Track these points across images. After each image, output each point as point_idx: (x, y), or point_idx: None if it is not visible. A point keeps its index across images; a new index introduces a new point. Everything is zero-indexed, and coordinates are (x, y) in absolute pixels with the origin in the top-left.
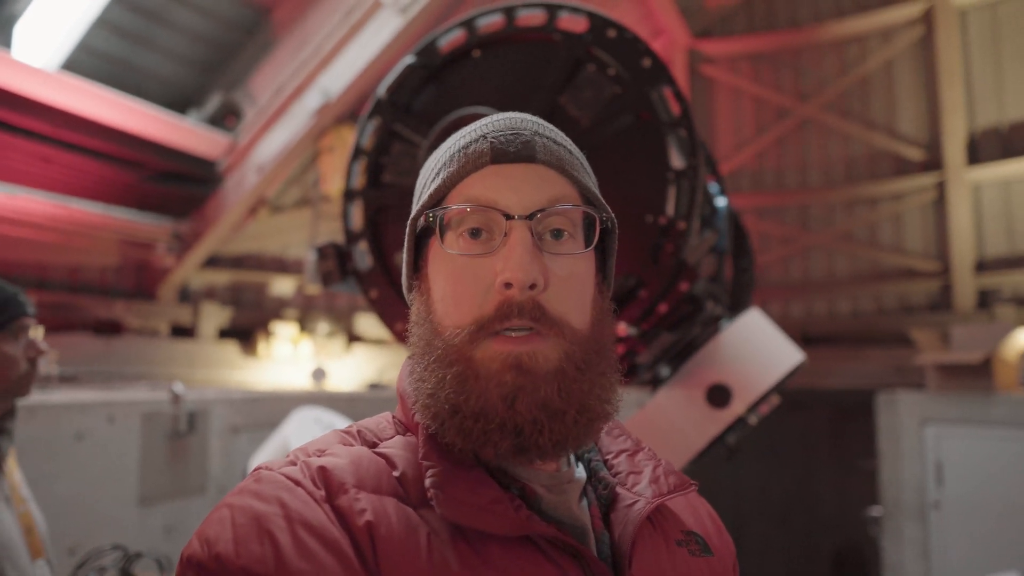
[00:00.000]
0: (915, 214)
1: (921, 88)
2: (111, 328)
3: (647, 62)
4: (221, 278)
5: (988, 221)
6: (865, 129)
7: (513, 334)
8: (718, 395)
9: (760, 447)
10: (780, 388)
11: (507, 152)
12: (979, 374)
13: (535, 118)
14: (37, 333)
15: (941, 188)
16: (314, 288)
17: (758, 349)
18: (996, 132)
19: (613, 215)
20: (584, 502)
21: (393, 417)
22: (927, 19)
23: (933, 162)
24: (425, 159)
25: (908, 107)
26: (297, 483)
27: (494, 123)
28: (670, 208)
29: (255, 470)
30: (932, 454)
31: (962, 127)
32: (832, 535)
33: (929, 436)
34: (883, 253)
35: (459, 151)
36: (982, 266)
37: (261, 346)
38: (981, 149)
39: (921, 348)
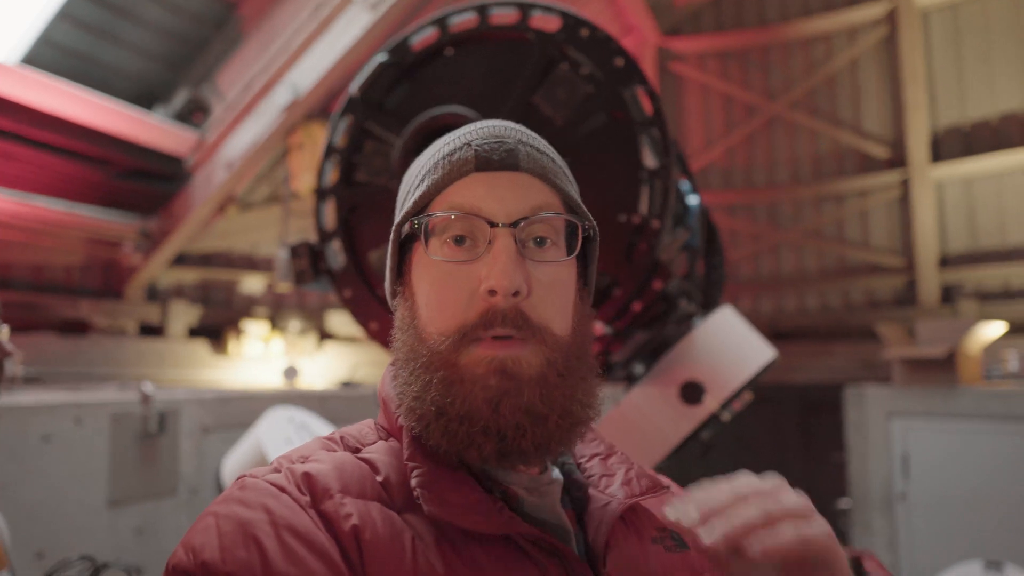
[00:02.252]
0: (881, 211)
1: (885, 87)
2: (78, 328)
3: (620, 61)
4: (190, 276)
5: (951, 218)
6: (832, 127)
7: (496, 339)
8: (691, 392)
9: (730, 441)
10: (752, 384)
11: (491, 160)
12: (943, 368)
13: (518, 126)
14: (3, 333)
15: (905, 185)
16: (285, 286)
17: (730, 346)
18: (958, 131)
19: (595, 223)
20: None
21: (375, 423)
22: (891, 19)
23: (897, 159)
24: (399, 157)
25: (873, 105)
26: (282, 489)
27: (478, 130)
28: (643, 207)
29: (239, 478)
30: (898, 447)
31: (925, 125)
32: None
33: (895, 429)
34: (850, 249)
35: (443, 158)
36: (945, 262)
37: (231, 344)
38: (944, 147)
39: (887, 343)
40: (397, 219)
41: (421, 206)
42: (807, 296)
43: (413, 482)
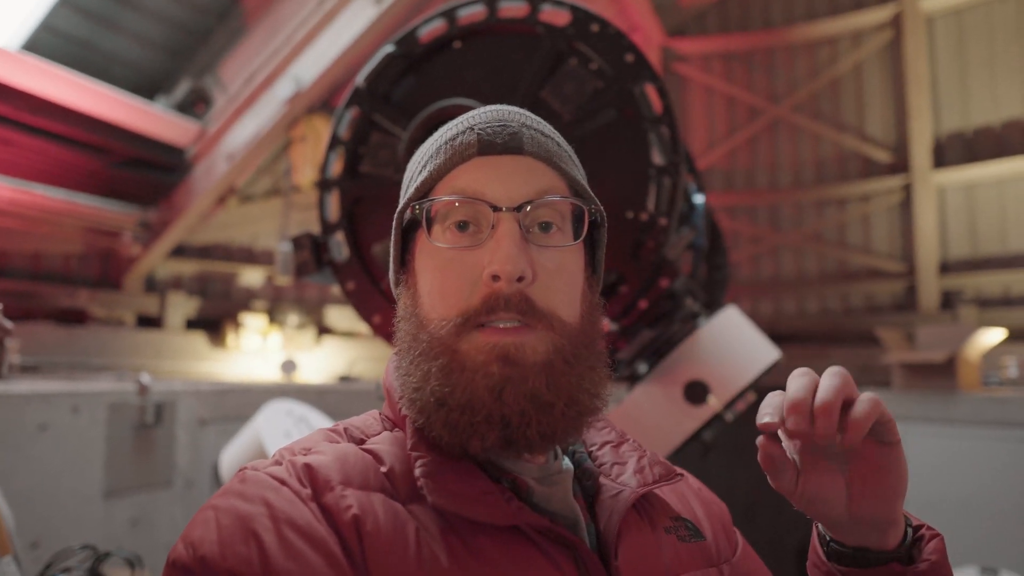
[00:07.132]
0: (882, 215)
1: (889, 91)
2: (75, 318)
3: (630, 57)
4: (188, 268)
5: (952, 224)
6: (835, 130)
7: (501, 325)
8: (695, 391)
9: (727, 444)
10: (755, 385)
11: (494, 144)
12: (942, 374)
13: (522, 110)
14: None
15: (908, 190)
16: (284, 279)
17: (735, 346)
18: (960, 136)
19: (602, 207)
20: None
21: (380, 414)
22: (896, 24)
23: (900, 164)
24: (405, 150)
25: (876, 110)
26: (282, 482)
27: (481, 115)
28: (651, 204)
29: (240, 470)
30: None
31: (928, 131)
32: (797, 531)
33: None
34: (851, 253)
35: (446, 143)
36: (946, 268)
37: (229, 337)
38: (946, 153)
39: (887, 347)
40: (400, 205)
41: (424, 192)
42: (806, 299)
43: (417, 472)
